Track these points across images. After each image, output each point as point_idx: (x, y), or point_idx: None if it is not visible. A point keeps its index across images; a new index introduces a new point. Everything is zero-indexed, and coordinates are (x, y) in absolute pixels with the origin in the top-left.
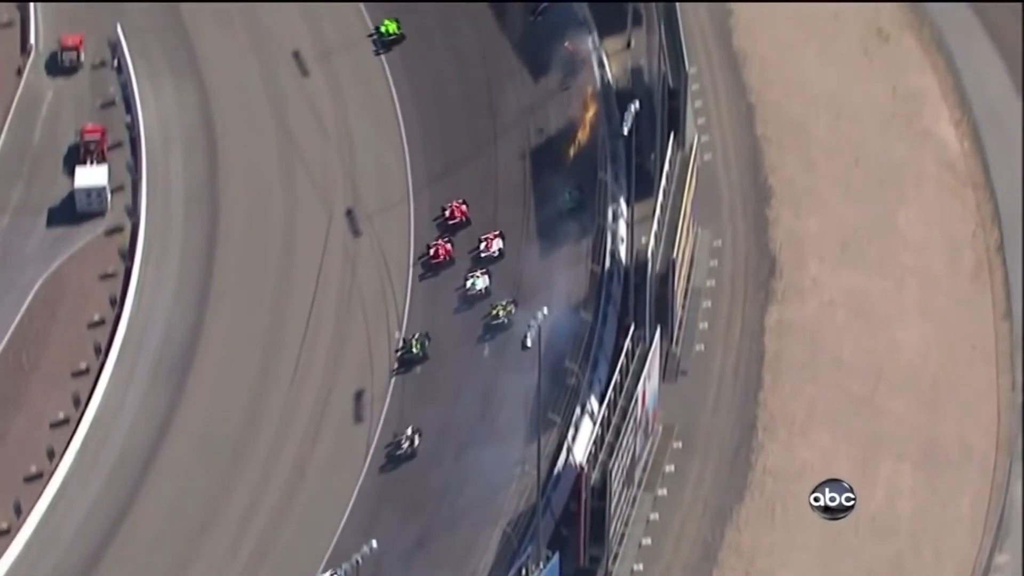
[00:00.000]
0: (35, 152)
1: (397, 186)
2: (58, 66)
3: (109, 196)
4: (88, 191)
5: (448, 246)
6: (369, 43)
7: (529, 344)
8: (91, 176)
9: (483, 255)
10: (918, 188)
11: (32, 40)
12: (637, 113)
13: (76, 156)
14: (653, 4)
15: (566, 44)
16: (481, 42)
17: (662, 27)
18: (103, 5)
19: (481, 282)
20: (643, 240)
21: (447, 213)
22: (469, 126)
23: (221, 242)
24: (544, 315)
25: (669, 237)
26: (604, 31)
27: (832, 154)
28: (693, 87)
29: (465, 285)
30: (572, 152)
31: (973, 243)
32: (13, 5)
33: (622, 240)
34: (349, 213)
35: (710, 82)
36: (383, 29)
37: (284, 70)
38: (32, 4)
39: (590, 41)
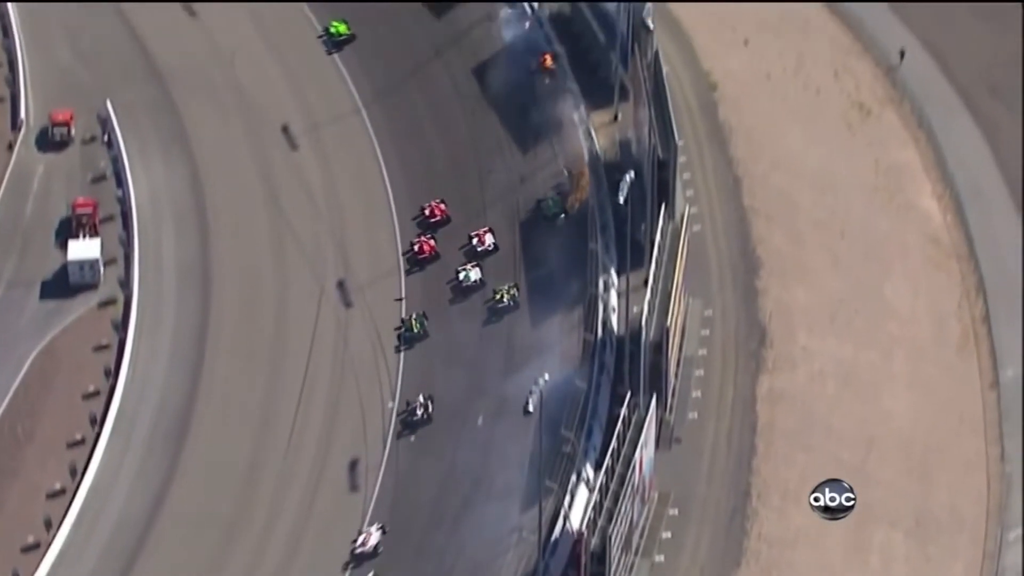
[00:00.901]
0: (27, 226)
1: (387, 258)
2: (49, 141)
3: (102, 269)
4: (81, 264)
5: (432, 242)
6: (358, 118)
7: (531, 409)
8: (84, 249)
9: (478, 249)
10: (903, 260)
11: (23, 116)
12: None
13: (68, 230)
14: (641, 78)
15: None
16: (465, 106)
17: (651, 100)
18: (93, 81)
19: (474, 274)
20: (636, 309)
21: (427, 212)
22: (458, 194)
23: (214, 314)
24: (545, 380)
25: (662, 306)
26: (591, 105)
27: (818, 226)
28: (681, 159)
29: (458, 278)
30: (563, 218)
31: (959, 314)
32: (2, 81)
33: (614, 309)
34: (340, 285)
35: (697, 155)
36: (332, 30)
37: (273, 144)
38: (23, 80)
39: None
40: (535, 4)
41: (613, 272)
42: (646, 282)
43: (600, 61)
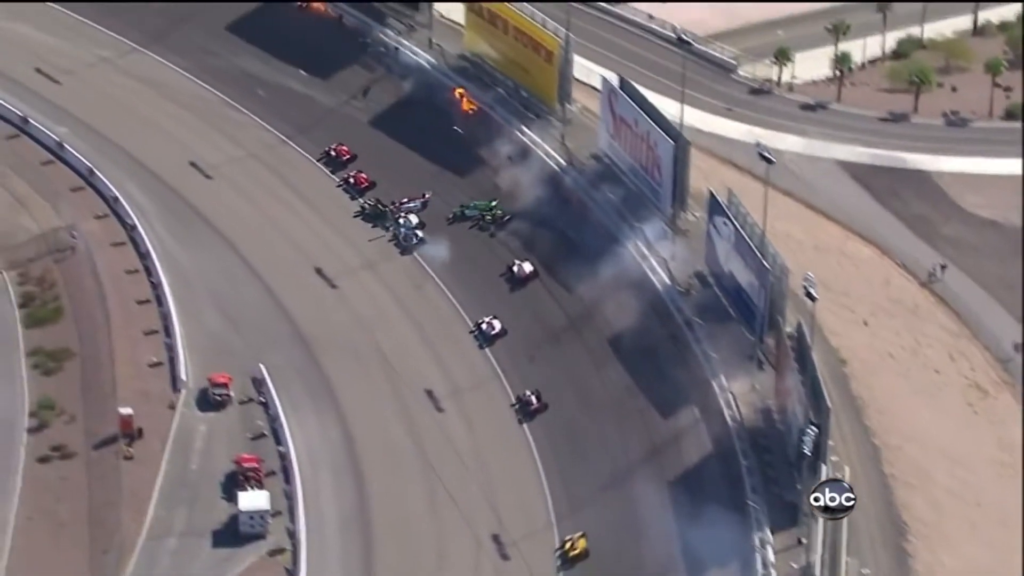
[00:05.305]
0: (194, 480)
1: (538, 514)
2: (208, 402)
3: (269, 519)
4: (251, 514)
5: (364, 175)
6: (497, 383)
7: None
8: (253, 500)
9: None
10: None
11: (183, 377)
12: (771, 448)
13: (234, 483)
14: (786, 347)
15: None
16: (603, 377)
17: (799, 366)
18: (243, 346)
19: (414, 218)
20: (795, 565)
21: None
22: (600, 449)
23: (378, 563)
24: None
25: (834, 561)
26: (729, 374)
27: (954, 496)
28: None
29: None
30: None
31: None
32: (161, 346)
33: (772, 565)
34: (495, 538)
35: (836, 424)
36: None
37: (418, 405)
38: (180, 346)
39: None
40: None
41: (768, 530)
42: (800, 541)
43: (737, 335)
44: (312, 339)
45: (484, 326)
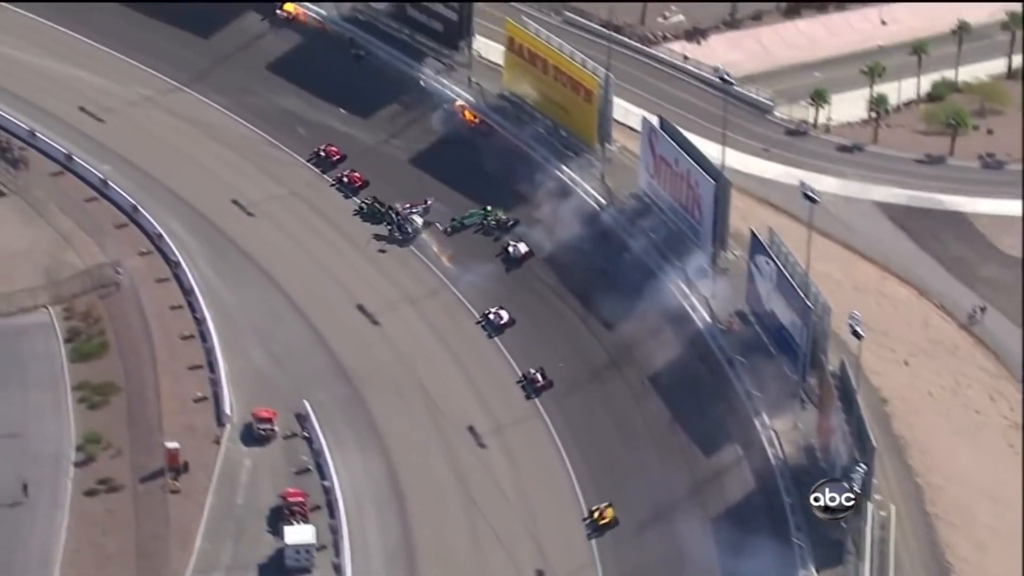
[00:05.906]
0: (240, 514)
1: (580, 548)
2: (253, 437)
3: (315, 553)
4: (297, 548)
5: (356, 173)
6: (539, 421)
7: None
8: (300, 534)
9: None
10: None
11: (228, 412)
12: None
13: (280, 517)
14: (830, 386)
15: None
16: (644, 410)
17: (844, 405)
18: (287, 381)
19: (418, 219)
20: None
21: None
22: (642, 486)
23: None
24: None
25: None
26: (772, 412)
27: (997, 535)
28: None
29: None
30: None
31: None
32: (206, 381)
33: None
34: (539, 574)
35: (879, 463)
36: None
37: (460, 441)
38: (225, 381)
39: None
40: None
41: (812, 567)
42: None
43: (778, 373)
44: (355, 375)
45: (492, 316)
